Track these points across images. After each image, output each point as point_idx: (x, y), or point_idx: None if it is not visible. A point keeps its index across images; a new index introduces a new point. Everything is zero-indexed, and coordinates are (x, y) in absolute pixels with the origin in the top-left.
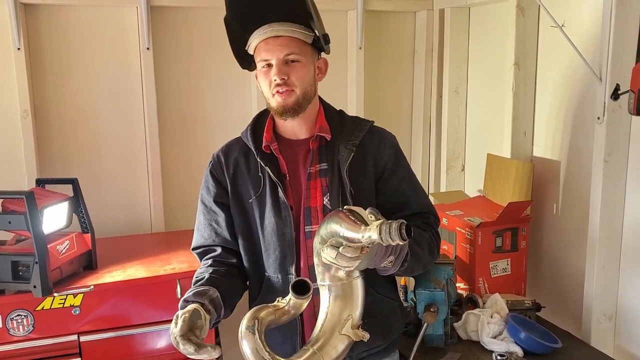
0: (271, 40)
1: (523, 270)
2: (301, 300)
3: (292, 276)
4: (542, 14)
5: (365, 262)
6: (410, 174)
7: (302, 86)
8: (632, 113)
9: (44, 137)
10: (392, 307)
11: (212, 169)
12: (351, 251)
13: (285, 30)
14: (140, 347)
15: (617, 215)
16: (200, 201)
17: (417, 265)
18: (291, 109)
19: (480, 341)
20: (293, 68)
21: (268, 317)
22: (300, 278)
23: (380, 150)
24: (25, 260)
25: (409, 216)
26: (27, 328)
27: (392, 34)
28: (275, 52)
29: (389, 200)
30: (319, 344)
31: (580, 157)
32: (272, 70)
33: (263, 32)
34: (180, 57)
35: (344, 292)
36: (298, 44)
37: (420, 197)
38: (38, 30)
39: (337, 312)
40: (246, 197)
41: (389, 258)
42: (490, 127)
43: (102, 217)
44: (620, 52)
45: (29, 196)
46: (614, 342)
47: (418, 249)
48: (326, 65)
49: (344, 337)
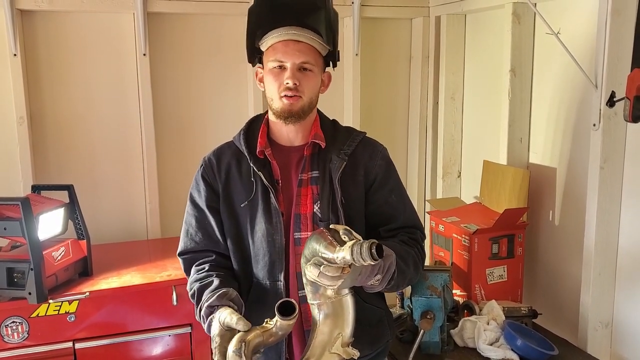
0: (291, 44)
1: (519, 277)
2: (288, 322)
3: (281, 283)
4: (538, 21)
5: (349, 281)
6: (399, 187)
7: (310, 95)
8: (628, 120)
9: (39, 143)
10: (380, 315)
11: (203, 172)
12: (332, 270)
13: (306, 37)
14: (136, 354)
15: (613, 222)
16: (190, 204)
17: (402, 282)
18: (296, 115)
19: (476, 348)
20: (305, 76)
21: (255, 340)
22: (286, 299)
23: (371, 160)
24: (21, 266)
25: (395, 229)
26: (22, 335)
27: (388, 41)
28: (293, 56)
29: (376, 212)
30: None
31: (576, 164)
32: (286, 73)
33: (285, 33)
34: (176, 63)
35: (334, 310)
36: (314, 53)
37: (408, 211)
38: (34, 36)
39: (327, 331)
40: (237, 201)
41: (376, 277)
42: (486, 133)
43: (98, 223)
44: (615, 59)
45: (25, 202)
46: (610, 350)
47: (404, 265)
48: (329, 80)
49: (335, 355)
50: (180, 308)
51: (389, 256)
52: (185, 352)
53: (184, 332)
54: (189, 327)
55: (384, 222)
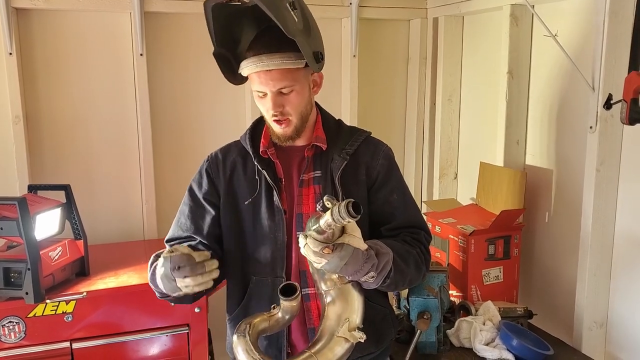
0: (262, 74)
1: (515, 278)
2: (291, 302)
3: (283, 279)
4: (536, 23)
5: (335, 263)
6: (402, 187)
7: (298, 113)
8: (625, 122)
9: (36, 143)
10: (384, 314)
11: (208, 167)
12: (315, 244)
13: (275, 64)
14: (133, 354)
15: (608, 224)
16: (187, 194)
17: (401, 281)
18: (291, 136)
19: (472, 348)
20: (287, 98)
21: (261, 324)
22: (287, 282)
23: (373, 159)
24: (17, 266)
25: (397, 229)
26: (19, 335)
27: (386, 42)
28: (268, 85)
29: (378, 211)
30: (317, 348)
31: (572, 166)
32: (267, 101)
33: (253, 65)
34: (174, 63)
35: (340, 296)
36: (290, 73)
37: (411, 211)
38: (30, 35)
39: (333, 317)
40: (241, 199)
41: (370, 274)
42: (483, 135)
43: (95, 223)
44: (612, 61)
45: (21, 202)
46: (604, 350)
47: (404, 265)
48: (321, 79)
49: (341, 339)
50: (178, 308)
51: (385, 254)
52: (183, 352)
53: (181, 332)
54: (186, 327)
55: (385, 221)
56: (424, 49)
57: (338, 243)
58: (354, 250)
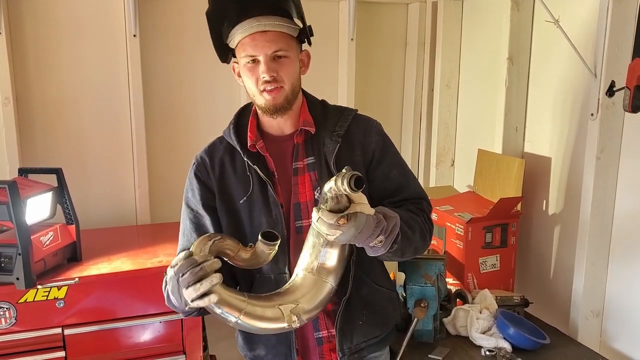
0: (258, 36)
1: (512, 266)
2: (266, 247)
3: (286, 275)
4: (537, 8)
5: (350, 234)
6: (399, 160)
7: (291, 82)
8: (627, 110)
9: (26, 126)
10: (390, 297)
11: (196, 170)
12: (329, 216)
13: (272, 25)
14: (126, 340)
15: (607, 213)
16: (185, 204)
17: (408, 247)
18: (281, 107)
19: (469, 336)
20: (281, 64)
21: (227, 240)
22: (269, 230)
23: (366, 137)
24: (8, 251)
25: (400, 201)
26: (10, 321)
27: (384, 26)
28: (263, 48)
29: (379, 187)
30: (255, 301)
31: (572, 154)
32: (260, 67)
33: (249, 27)
34: (168, 45)
35: (313, 284)
36: (286, 38)
37: (411, 183)
38: (20, 15)
39: (293, 290)
40: (236, 198)
41: (379, 237)
42: (481, 122)
43: (87, 208)
44: (616, 48)
45: (12, 186)
46: (599, 338)
47: (409, 231)
48: (309, 58)
49: (278, 310)
50: None
51: (392, 217)
52: (176, 339)
53: (174, 318)
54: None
55: (387, 196)
56: (423, 34)
57: (351, 213)
58: (367, 218)
